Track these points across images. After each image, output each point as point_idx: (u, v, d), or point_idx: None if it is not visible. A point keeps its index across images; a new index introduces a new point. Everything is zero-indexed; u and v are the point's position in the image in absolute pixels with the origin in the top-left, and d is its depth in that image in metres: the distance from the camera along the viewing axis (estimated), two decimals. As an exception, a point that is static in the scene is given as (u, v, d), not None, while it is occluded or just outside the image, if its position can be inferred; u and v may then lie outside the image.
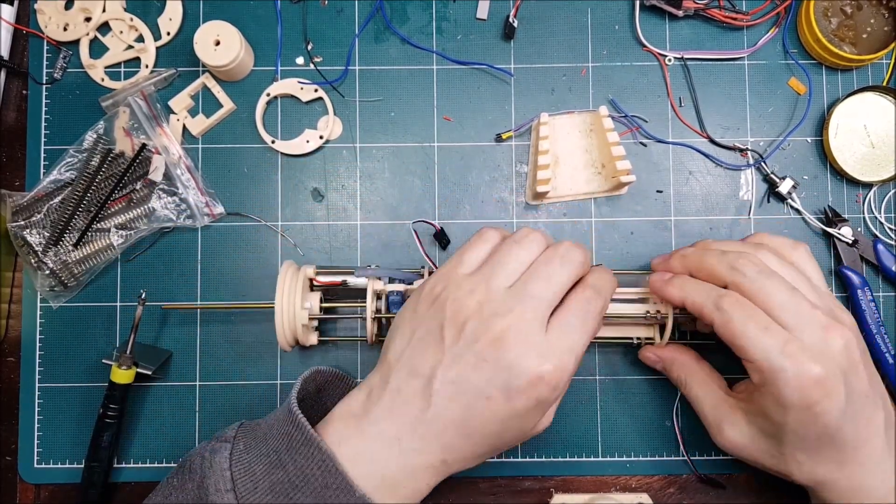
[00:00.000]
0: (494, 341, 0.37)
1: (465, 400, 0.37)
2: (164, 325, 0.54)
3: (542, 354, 0.37)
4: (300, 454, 0.38)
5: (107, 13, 0.54)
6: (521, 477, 0.53)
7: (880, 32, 0.53)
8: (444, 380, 0.37)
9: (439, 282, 0.41)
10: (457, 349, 0.38)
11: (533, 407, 0.38)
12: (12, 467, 0.53)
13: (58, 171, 0.53)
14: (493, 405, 0.37)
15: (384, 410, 0.39)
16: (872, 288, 0.53)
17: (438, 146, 0.55)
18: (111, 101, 0.54)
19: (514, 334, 0.37)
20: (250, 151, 0.55)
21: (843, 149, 0.54)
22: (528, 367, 0.37)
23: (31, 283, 0.53)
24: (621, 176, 0.50)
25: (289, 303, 0.47)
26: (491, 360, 0.37)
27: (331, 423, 0.40)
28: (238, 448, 0.40)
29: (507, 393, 0.37)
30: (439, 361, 0.38)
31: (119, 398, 0.50)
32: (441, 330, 0.38)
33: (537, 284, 0.39)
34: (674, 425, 0.53)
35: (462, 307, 0.38)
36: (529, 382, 0.37)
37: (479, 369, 0.37)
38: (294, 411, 0.39)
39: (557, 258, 0.40)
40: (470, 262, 0.41)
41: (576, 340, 0.39)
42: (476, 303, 0.38)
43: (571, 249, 0.41)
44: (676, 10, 0.53)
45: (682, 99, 0.55)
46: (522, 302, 0.38)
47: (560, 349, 0.38)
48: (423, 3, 0.55)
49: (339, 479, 0.37)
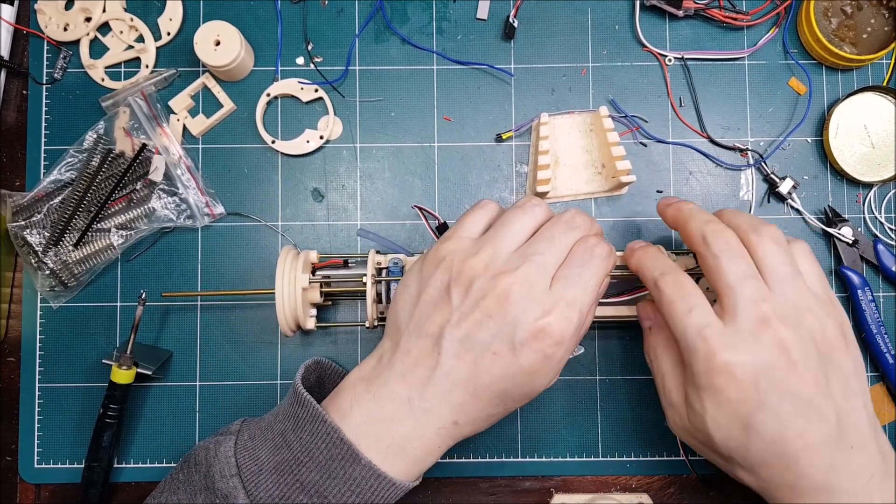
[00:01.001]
0: (500, 297, 0.38)
1: (472, 357, 0.38)
2: (164, 326, 0.54)
3: (545, 308, 0.38)
4: (305, 431, 0.38)
5: (107, 13, 0.54)
6: (521, 477, 0.53)
7: (880, 32, 0.53)
8: (452, 338, 0.38)
9: (444, 245, 0.41)
10: (464, 307, 0.38)
11: (539, 363, 0.38)
12: (12, 467, 0.53)
13: (58, 171, 0.53)
14: (500, 361, 0.38)
15: (395, 372, 0.39)
16: (872, 288, 0.53)
17: (438, 146, 0.55)
18: (111, 101, 0.54)
19: (518, 290, 0.38)
20: (250, 151, 0.55)
21: (843, 149, 0.54)
22: (531, 321, 0.37)
23: (32, 283, 0.53)
24: (621, 176, 0.50)
25: (289, 284, 0.47)
26: (496, 315, 0.37)
27: (343, 390, 0.41)
28: (243, 438, 0.41)
29: (512, 347, 0.38)
30: (447, 320, 0.38)
31: (119, 398, 0.50)
32: (448, 290, 0.39)
33: (541, 244, 0.40)
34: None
35: (468, 267, 0.39)
36: (533, 335, 0.37)
37: (485, 326, 0.38)
38: (299, 391, 0.40)
39: (562, 223, 0.41)
40: (472, 227, 0.42)
41: (577, 291, 0.39)
42: (482, 263, 0.39)
43: (577, 215, 0.42)
44: (676, 10, 0.53)
45: (682, 99, 0.55)
46: (527, 260, 0.39)
47: (563, 302, 0.38)
48: (424, 3, 0.55)
49: (343, 450, 0.37)
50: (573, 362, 0.53)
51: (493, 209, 0.43)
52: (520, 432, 0.53)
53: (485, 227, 0.42)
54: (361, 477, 0.38)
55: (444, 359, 0.38)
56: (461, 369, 0.38)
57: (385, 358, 0.40)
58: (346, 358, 0.54)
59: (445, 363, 0.38)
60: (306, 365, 0.44)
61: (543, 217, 0.42)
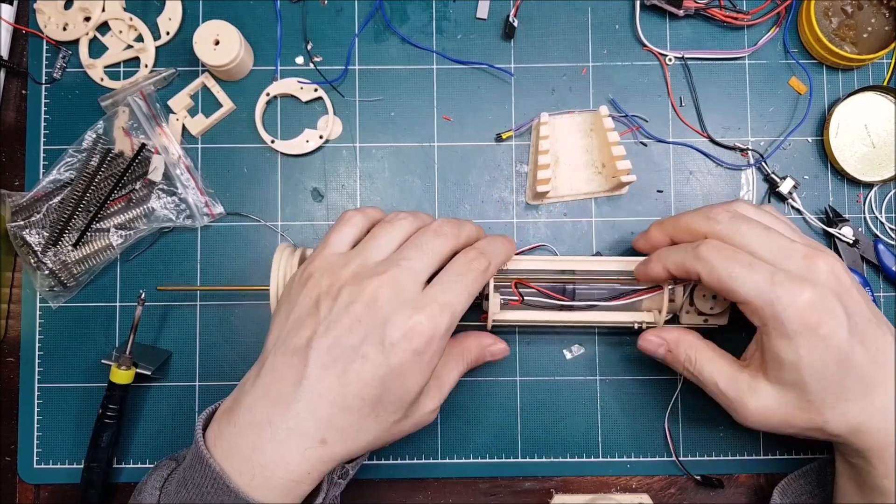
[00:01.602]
0: (369, 301, 0.38)
1: (341, 365, 0.37)
2: (164, 326, 0.54)
3: (416, 307, 0.38)
4: (196, 471, 0.38)
5: (106, 13, 0.54)
6: (521, 477, 0.53)
7: (881, 32, 0.53)
8: (320, 347, 0.37)
9: (311, 263, 0.41)
10: (332, 316, 0.38)
11: (410, 363, 0.38)
12: (12, 467, 0.53)
13: (57, 171, 0.53)
14: (369, 364, 0.37)
15: (256, 396, 0.38)
16: (873, 288, 0.53)
17: (438, 146, 0.55)
18: (111, 100, 0.53)
19: (387, 292, 0.38)
20: (250, 151, 0.54)
21: (843, 148, 0.53)
22: (400, 319, 0.37)
23: (31, 283, 0.53)
24: (621, 176, 0.50)
25: (284, 280, 0.46)
26: (366, 319, 0.37)
27: (211, 425, 0.40)
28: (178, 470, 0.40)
29: (381, 348, 0.37)
30: (314, 332, 0.38)
31: (119, 398, 0.50)
32: (317, 304, 0.39)
33: (409, 251, 0.40)
34: (665, 429, 0.53)
35: (337, 278, 0.39)
36: (403, 334, 0.37)
37: (354, 330, 0.37)
38: (196, 428, 0.39)
39: (430, 232, 0.42)
40: (337, 243, 0.42)
41: (451, 296, 0.39)
42: (350, 273, 0.39)
43: (444, 224, 0.42)
44: (677, 9, 0.53)
45: (682, 98, 0.55)
46: (395, 265, 0.39)
47: (434, 302, 0.38)
48: (423, 3, 0.55)
49: (233, 497, 0.36)
50: (573, 362, 0.53)
51: (358, 222, 0.43)
52: (520, 432, 0.53)
53: (353, 242, 0.42)
54: None
55: (311, 370, 0.37)
56: (328, 379, 0.37)
57: (248, 382, 0.39)
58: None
59: (311, 374, 0.37)
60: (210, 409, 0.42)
61: (411, 228, 0.42)
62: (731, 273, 0.40)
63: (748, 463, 0.53)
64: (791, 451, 0.53)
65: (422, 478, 0.53)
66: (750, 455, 0.53)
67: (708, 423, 0.53)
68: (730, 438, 0.53)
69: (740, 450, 0.53)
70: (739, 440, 0.53)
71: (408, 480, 0.53)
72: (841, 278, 0.40)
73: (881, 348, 0.40)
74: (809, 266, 0.39)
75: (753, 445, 0.53)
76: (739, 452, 0.53)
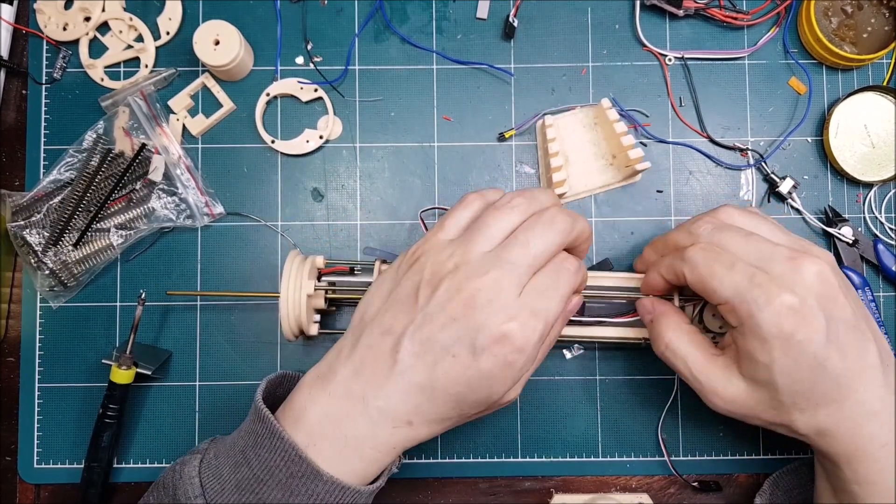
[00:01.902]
0: (466, 301, 0.37)
1: (431, 358, 0.37)
2: (164, 326, 0.54)
3: (510, 314, 0.37)
4: (263, 447, 0.38)
5: (106, 13, 0.54)
6: (521, 477, 0.53)
7: (881, 32, 0.53)
8: (413, 338, 0.38)
9: (420, 246, 0.41)
10: (429, 309, 0.38)
11: (499, 369, 0.37)
12: (12, 467, 0.53)
13: (57, 171, 0.53)
14: (459, 364, 0.37)
15: (352, 369, 0.39)
16: (873, 288, 0.53)
17: (438, 146, 0.55)
18: (111, 100, 0.54)
19: (485, 295, 0.37)
20: (250, 151, 0.55)
21: (843, 148, 0.53)
22: (493, 326, 0.37)
23: (31, 283, 0.53)
24: (636, 164, 0.50)
25: (295, 290, 0.46)
26: (460, 319, 0.37)
27: (298, 390, 0.40)
28: (208, 456, 0.40)
29: (472, 351, 0.37)
30: (411, 320, 0.38)
31: (119, 398, 0.50)
32: (417, 291, 0.39)
33: (514, 250, 0.39)
34: (658, 435, 0.53)
35: (439, 269, 0.39)
36: (494, 340, 0.37)
37: (447, 328, 0.37)
38: (258, 406, 0.39)
39: (540, 224, 0.40)
40: (451, 227, 0.41)
41: (545, 304, 0.38)
42: (453, 265, 0.38)
43: (557, 215, 0.40)
44: (677, 9, 0.53)
45: (682, 99, 0.55)
46: (498, 266, 0.38)
47: (527, 310, 0.38)
48: (423, 3, 0.55)
49: (303, 467, 0.37)
50: (573, 362, 0.53)
51: (475, 205, 0.42)
52: (520, 432, 0.53)
53: (466, 226, 0.41)
54: (325, 492, 0.37)
55: (403, 356, 0.38)
56: (419, 370, 0.38)
57: (344, 353, 0.40)
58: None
59: (403, 360, 0.38)
60: (269, 378, 0.43)
61: (522, 215, 0.40)
62: (712, 272, 0.40)
63: (747, 463, 0.53)
64: (791, 451, 0.53)
65: (422, 477, 0.53)
66: (749, 455, 0.53)
67: (707, 422, 0.53)
68: (729, 438, 0.53)
69: (740, 450, 0.53)
70: (739, 440, 0.53)
71: (408, 480, 0.53)
72: (828, 281, 0.39)
73: (859, 356, 0.39)
74: (794, 268, 0.39)
75: (753, 445, 0.53)
76: (739, 452, 0.53)
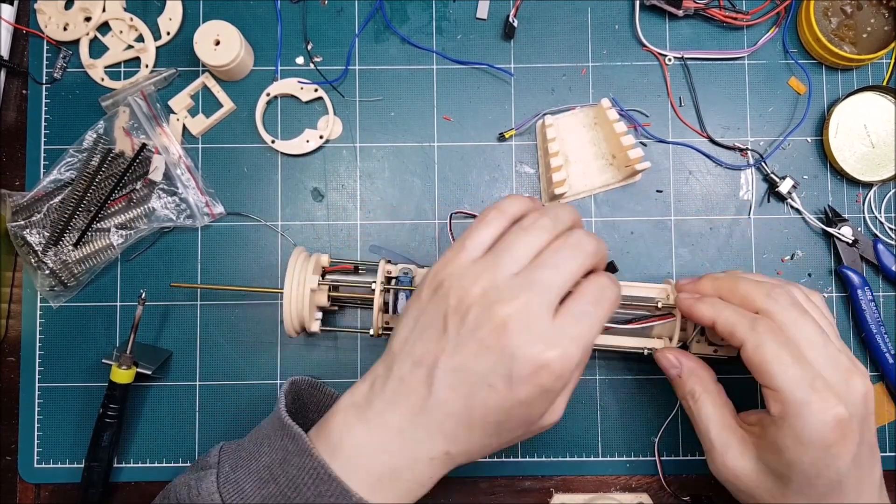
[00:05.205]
0: (498, 329, 0.36)
1: (467, 389, 0.36)
2: (164, 325, 0.54)
3: (547, 342, 0.36)
4: (292, 465, 0.37)
5: (107, 13, 0.54)
6: (521, 477, 0.53)
7: (880, 32, 0.53)
8: (446, 368, 0.36)
9: (443, 269, 0.39)
10: (459, 338, 0.36)
11: (537, 396, 0.36)
12: (12, 467, 0.53)
13: (58, 171, 0.53)
14: (496, 394, 0.36)
15: (387, 401, 0.38)
16: (872, 288, 0.53)
17: (438, 146, 0.55)
18: (111, 100, 0.54)
19: (518, 321, 0.35)
20: (250, 151, 0.55)
21: (843, 148, 0.54)
22: (531, 355, 0.35)
23: (31, 283, 0.53)
24: (636, 164, 0.50)
25: (299, 284, 0.46)
26: (494, 347, 0.36)
27: (333, 416, 0.40)
28: (224, 470, 0.39)
29: (509, 381, 0.36)
30: (442, 350, 0.37)
31: (119, 398, 0.50)
32: (444, 319, 0.37)
33: (545, 272, 0.37)
34: (654, 447, 0.53)
35: (466, 295, 0.37)
36: (532, 370, 0.35)
37: (481, 357, 0.36)
38: (287, 423, 0.39)
39: (568, 247, 0.38)
40: (473, 247, 0.39)
41: (584, 329, 0.37)
42: (480, 290, 0.37)
43: (584, 238, 0.39)
44: (676, 9, 0.53)
45: (682, 99, 0.55)
46: (528, 289, 0.36)
47: (567, 337, 0.36)
48: (423, 3, 0.55)
49: (333, 486, 0.36)
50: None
51: (497, 222, 0.40)
52: (520, 432, 0.53)
53: (489, 245, 0.39)
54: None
55: (437, 388, 0.36)
56: (454, 401, 0.37)
57: (378, 384, 0.39)
58: (345, 365, 0.53)
59: (438, 393, 0.37)
60: (285, 390, 0.43)
61: (548, 236, 0.39)
62: (778, 359, 0.39)
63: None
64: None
65: (422, 477, 0.53)
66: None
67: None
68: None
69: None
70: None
71: (408, 480, 0.53)
72: (868, 404, 0.40)
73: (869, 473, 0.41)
74: (847, 381, 0.39)
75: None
76: (739, 452, 0.53)
